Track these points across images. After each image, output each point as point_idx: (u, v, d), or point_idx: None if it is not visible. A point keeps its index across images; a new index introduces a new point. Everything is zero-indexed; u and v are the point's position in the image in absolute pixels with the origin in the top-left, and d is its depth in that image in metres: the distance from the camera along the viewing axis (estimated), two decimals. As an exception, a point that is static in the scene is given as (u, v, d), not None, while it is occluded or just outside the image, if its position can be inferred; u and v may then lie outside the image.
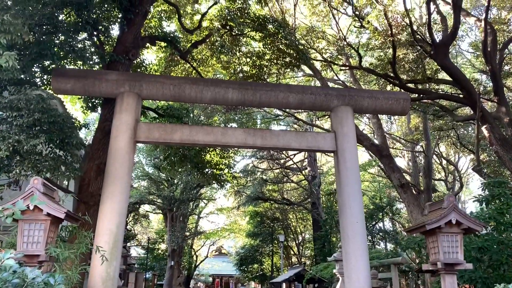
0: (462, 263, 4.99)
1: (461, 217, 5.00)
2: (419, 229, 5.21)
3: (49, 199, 4.55)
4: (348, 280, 7.46)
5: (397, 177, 15.61)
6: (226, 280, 54.55)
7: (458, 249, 5.03)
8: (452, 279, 5.00)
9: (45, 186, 4.62)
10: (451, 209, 4.99)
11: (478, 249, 5.90)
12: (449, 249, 5.02)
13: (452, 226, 5.04)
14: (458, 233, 5.07)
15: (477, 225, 5.00)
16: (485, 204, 6.36)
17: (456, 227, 5.06)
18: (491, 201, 6.40)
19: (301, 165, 33.22)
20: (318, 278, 19.88)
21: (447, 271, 5.01)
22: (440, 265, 4.91)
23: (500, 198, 6.30)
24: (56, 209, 4.44)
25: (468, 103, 15.34)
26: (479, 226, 5.01)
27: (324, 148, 8.38)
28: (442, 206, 5.08)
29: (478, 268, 5.87)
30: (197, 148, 11.73)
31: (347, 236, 7.73)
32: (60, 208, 4.48)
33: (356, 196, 7.93)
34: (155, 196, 24.34)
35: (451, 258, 4.98)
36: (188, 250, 36.53)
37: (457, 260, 4.99)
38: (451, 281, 4.98)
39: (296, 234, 35.89)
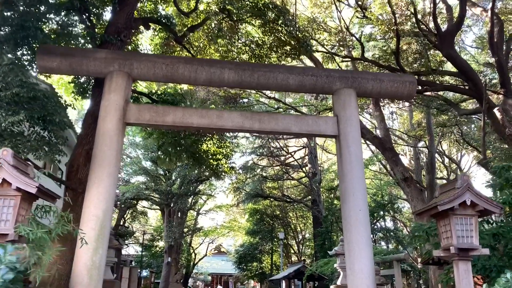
0: (478, 248, 4.53)
1: (476, 197, 4.54)
2: (429, 211, 4.75)
3: (21, 173, 4.11)
4: (350, 271, 7.01)
5: (400, 171, 15.16)
6: (225, 279, 54.11)
7: (473, 233, 4.57)
8: (466, 266, 4.54)
9: (16, 159, 4.17)
10: (466, 189, 4.53)
11: (493, 235, 5.44)
12: (463, 233, 4.56)
13: (466, 207, 4.58)
14: (473, 216, 4.61)
15: (494, 206, 4.54)
16: (499, 189, 5.91)
17: (470, 208, 4.60)
18: (505, 186, 5.95)
19: (301, 162, 32.79)
20: (318, 275, 19.41)
21: (461, 257, 4.54)
22: (453, 250, 4.45)
23: (513, 183, 5.86)
24: (27, 183, 3.99)
25: (474, 95, 14.89)
26: (496, 207, 4.55)
27: (326, 133, 7.93)
28: (456, 186, 4.62)
29: (492, 256, 5.42)
30: (193, 137, 11.28)
31: (349, 225, 7.27)
32: (31, 183, 4.03)
33: (359, 183, 7.48)
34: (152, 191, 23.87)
35: (466, 243, 4.52)
36: (186, 248, 36.06)
37: (472, 245, 4.53)
38: (465, 268, 4.52)
39: (296, 232, 35.45)
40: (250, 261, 33.32)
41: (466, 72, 14.15)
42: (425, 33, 14.86)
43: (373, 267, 7.14)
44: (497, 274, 5.21)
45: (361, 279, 6.96)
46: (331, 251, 12.28)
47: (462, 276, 4.49)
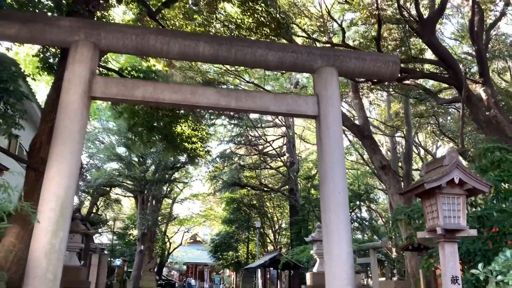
0: (465, 229, 4.26)
1: (465, 175, 4.26)
2: (415, 190, 4.45)
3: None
4: (329, 257, 6.70)
5: (378, 159, 15.02)
6: (200, 268, 53.78)
7: (461, 213, 4.30)
8: (452, 248, 4.27)
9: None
10: (454, 166, 4.25)
11: (477, 218, 5.21)
12: (450, 213, 4.28)
13: (454, 186, 4.30)
14: (461, 195, 4.34)
15: (483, 185, 4.27)
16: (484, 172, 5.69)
17: (458, 187, 4.32)
18: (490, 168, 5.73)
19: (280, 151, 32.58)
20: (294, 263, 19.25)
21: (447, 239, 4.27)
22: (439, 231, 4.16)
23: (501, 164, 5.64)
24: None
25: (453, 83, 14.82)
26: (485, 186, 4.28)
27: (306, 113, 7.56)
28: (443, 163, 4.33)
29: (476, 239, 5.20)
30: (167, 119, 10.77)
31: (328, 208, 6.96)
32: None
33: (339, 165, 7.16)
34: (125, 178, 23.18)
35: (452, 224, 4.25)
36: (161, 237, 35.51)
37: (459, 226, 4.26)
38: (451, 251, 4.25)
39: (272, 221, 35.34)
40: (225, 250, 33.05)
41: (446, 60, 14.05)
42: (406, 19, 14.65)
43: (351, 252, 6.86)
44: (481, 258, 4.99)
45: (339, 264, 6.67)
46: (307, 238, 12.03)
47: (448, 258, 4.22)
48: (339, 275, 6.63)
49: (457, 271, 4.18)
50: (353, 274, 6.81)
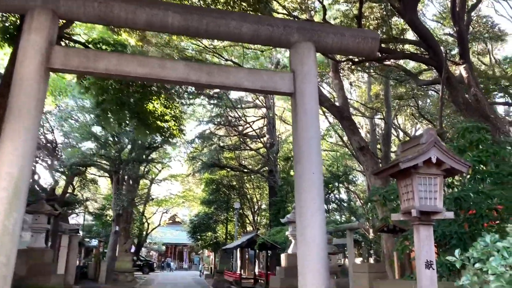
0: (441, 211, 4.03)
1: (443, 154, 4.01)
2: (389, 170, 4.19)
3: None
4: (301, 238, 6.47)
5: (357, 140, 14.85)
6: (180, 249, 53.76)
7: (437, 194, 4.06)
8: (428, 231, 4.04)
9: None
10: (432, 145, 3.99)
11: (454, 200, 5.01)
12: (426, 194, 4.04)
13: (431, 166, 4.05)
14: (438, 175, 4.09)
15: (461, 164, 4.03)
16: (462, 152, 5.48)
17: (435, 167, 4.08)
18: (468, 148, 5.53)
19: (260, 132, 32.30)
20: (271, 244, 19.18)
21: (423, 221, 4.04)
22: (414, 213, 3.92)
23: (479, 144, 5.45)
24: None
25: (434, 64, 14.66)
26: (464, 166, 4.04)
27: (281, 90, 7.21)
28: (420, 141, 4.06)
29: (453, 222, 5.02)
30: (138, 95, 10.28)
31: (302, 188, 6.69)
32: None
33: (314, 144, 6.88)
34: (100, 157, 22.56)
35: (428, 205, 4.01)
36: (139, 217, 35.12)
37: (435, 208, 4.02)
38: (426, 234, 4.03)
39: (252, 203, 35.28)
40: (204, 231, 32.90)
41: (427, 40, 13.84)
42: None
43: (325, 233, 6.64)
44: (457, 241, 4.82)
45: (312, 246, 6.45)
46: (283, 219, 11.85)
47: (423, 242, 4.00)
48: (312, 257, 6.42)
49: (431, 255, 3.97)
50: (326, 257, 6.61)
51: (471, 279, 2.44)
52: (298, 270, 6.66)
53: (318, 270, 6.39)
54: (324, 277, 6.45)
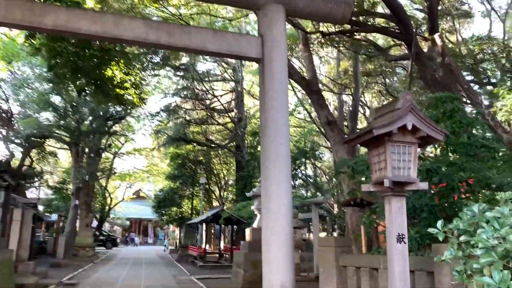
0: (415, 181, 3.78)
1: (419, 121, 3.72)
2: (362, 137, 3.87)
3: None
4: (266, 211, 6.19)
5: (325, 115, 14.65)
6: (144, 224, 53.15)
7: (411, 164, 3.80)
8: (400, 203, 3.79)
9: None
10: (408, 110, 3.69)
11: (426, 171, 4.80)
12: (399, 163, 3.76)
13: (406, 133, 3.76)
14: (413, 144, 3.81)
15: (438, 132, 3.76)
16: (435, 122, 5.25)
17: (410, 135, 3.80)
18: (441, 119, 5.32)
19: (228, 107, 31.73)
20: (237, 219, 19.01)
21: (395, 193, 3.77)
22: (387, 183, 3.64)
23: (453, 115, 5.25)
24: None
25: (403, 39, 14.51)
26: (440, 134, 3.77)
27: (248, 55, 6.78)
28: (396, 106, 3.76)
29: (423, 194, 4.83)
30: (95, 60, 9.54)
31: (268, 161, 6.37)
32: None
33: (282, 114, 6.54)
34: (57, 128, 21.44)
35: (402, 176, 3.74)
36: (101, 192, 34.19)
37: (409, 178, 3.76)
38: (399, 206, 3.77)
39: (218, 178, 34.97)
40: (169, 206, 32.42)
41: (398, 14, 13.60)
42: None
43: (291, 207, 6.38)
44: (428, 215, 4.64)
45: (277, 219, 6.18)
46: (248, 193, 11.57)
47: (394, 214, 3.74)
48: (277, 230, 6.17)
49: (403, 228, 3.73)
50: (292, 229, 6.36)
51: (455, 253, 2.17)
52: (262, 244, 6.40)
53: (283, 243, 6.14)
54: (289, 250, 6.22)
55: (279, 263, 6.10)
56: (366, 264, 4.92)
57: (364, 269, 4.96)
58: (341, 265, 5.31)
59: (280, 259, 6.13)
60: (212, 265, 19.33)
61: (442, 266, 4.05)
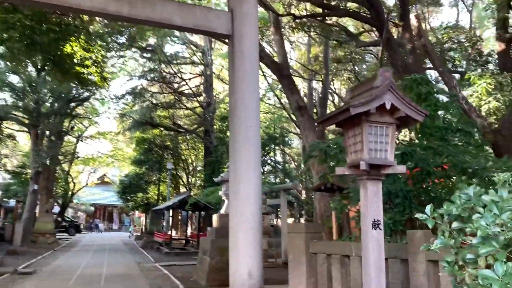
0: (393, 165, 3.56)
1: (398, 100, 3.49)
2: (337, 117, 3.61)
3: None
4: (234, 196, 5.91)
5: (295, 99, 14.43)
6: (109, 210, 51.95)
7: (389, 146, 3.57)
8: (376, 187, 3.57)
9: None
10: (386, 88, 3.45)
11: (401, 155, 4.62)
12: (376, 145, 3.53)
13: (384, 113, 3.53)
14: (391, 125, 3.59)
15: (418, 112, 3.54)
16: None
17: (388, 115, 3.56)
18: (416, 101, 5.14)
19: (196, 91, 31.05)
20: (204, 205, 18.67)
21: (371, 176, 3.55)
22: (363, 166, 3.40)
23: (428, 97, 5.08)
24: None
25: (375, 24, 14.43)
26: (420, 114, 3.56)
27: (217, 30, 6.40)
28: (374, 84, 3.51)
29: (397, 179, 4.66)
30: (52, 34, 8.86)
31: (237, 143, 6.07)
32: None
33: (252, 95, 6.23)
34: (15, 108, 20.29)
35: (379, 158, 3.51)
36: (64, 176, 32.97)
37: (386, 161, 3.54)
38: (375, 190, 3.55)
39: (186, 164, 34.39)
40: (135, 192, 31.65)
41: (370, 0, 13.48)
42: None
43: (260, 192, 6.12)
44: (402, 200, 4.46)
45: (246, 205, 5.92)
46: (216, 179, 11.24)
47: (370, 199, 3.52)
48: (245, 216, 5.91)
49: (379, 214, 3.52)
50: (260, 217, 6.12)
51: (446, 241, 1.94)
52: (229, 229, 6.14)
53: (251, 229, 5.90)
54: (258, 237, 5.98)
55: (247, 250, 5.86)
56: (337, 251, 4.73)
57: (335, 256, 4.76)
58: (311, 252, 5.10)
59: (248, 246, 5.88)
60: (178, 251, 18.97)
61: (416, 253, 3.90)
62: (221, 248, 9.51)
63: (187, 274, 11.33)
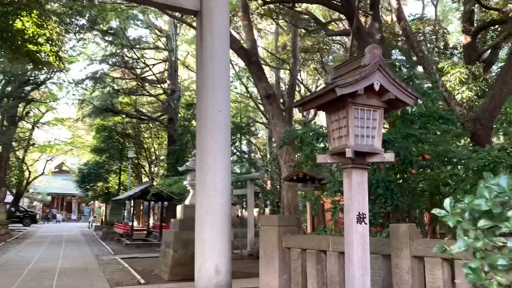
0: (380, 152, 3.22)
1: (388, 81, 3.14)
2: (323, 97, 3.22)
3: None
4: (201, 187, 5.47)
5: (263, 87, 14.05)
6: (68, 200, 50.06)
7: (376, 132, 3.23)
8: (361, 177, 3.22)
9: None
10: (376, 67, 3.09)
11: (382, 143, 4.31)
12: (363, 130, 3.17)
13: (371, 95, 3.17)
14: (378, 108, 3.24)
15: (408, 95, 3.21)
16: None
17: (376, 98, 3.21)
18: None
19: (160, 77, 30.10)
20: (167, 195, 18.05)
21: (356, 164, 3.20)
22: (349, 153, 3.04)
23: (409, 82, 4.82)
24: None
25: (345, 12, 14.23)
26: (411, 97, 3.23)
27: (185, 6, 5.88)
28: (362, 62, 3.14)
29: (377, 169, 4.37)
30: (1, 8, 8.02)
31: (205, 129, 5.60)
32: None
33: (222, 76, 5.77)
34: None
35: (365, 145, 3.17)
36: (18, 164, 31.27)
37: (373, 148, 3.20)
38: (360, 180, 3.20)
39: (149, 152, 33.44)
40: (95, 181, 30.43)
41: (341, -14, 13.23)
42: None
43: (229, 182, 5.70)
44: (384, 191, 4.17)
45: (213, 196, 5.49)
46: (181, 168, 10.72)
47: (355, 190, 3.17)
48: (213, 208, 5.47)
49: (365, 207, 3.18)
50: (229, 208, 5.71)
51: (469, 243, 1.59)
52: (195, 222, 5.69)
53: (219, 222, 5.47)
54: (226, 230, 5.57)
55: (214, 244, 5.44)
56: (313, 245, 4.39)
57: (310, 251, 4.42)
58: (284, 246, 4.75)
59: (215, 240, 5.46)
60: (139, 243, 18.31)
61: (400, 249, 3.60)
62: (185, 241, 9.06)
63: (148, 267, 10.80)
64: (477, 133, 6.41)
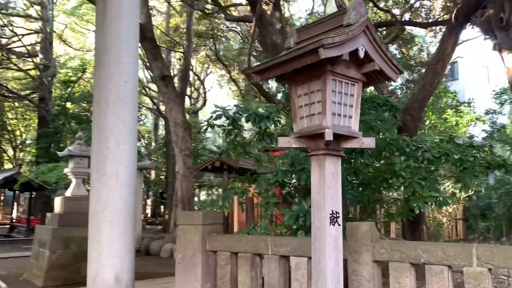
0: (358, 136, 2.60)
1: (373, 48, 2.52)
2: (290, 63, 2.47)
3: None
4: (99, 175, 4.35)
5: (159, 67, 12.86)
6: None
7: (353, 111, 2.60)
8: (335, 167, 2.56)
9: None
10: (362, 29, 2.45)
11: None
12: (340, 109, 2.52)
13: (350, 65, 2.53)
14: (356, 82, 2.61)
15: (393, 68, 2.64)
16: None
17: (356, 68, 2.58)
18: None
19: (31, 50, 26.32)
20: (39, 184, 15.64)
21: (331, 151, 2.53)
22: (328, 136, 2.36)
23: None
24: None
25: None
26: (395, 71, 2.66)
27: None
28: (344, 21, 2.48)
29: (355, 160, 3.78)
30: None
31: (105, 103, 4.48)
32: None
33: (130, 41, 4.68)
34: None
35: (342, 126, 2.52)
36: None
37: (350, 131, 2.56)
38: (333, 171, 2.54)
39: (14, 135, 29.25)
40: None
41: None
42: None
43: (135, 171, 4.67)
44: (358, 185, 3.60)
45: (115, 187, 4.41)
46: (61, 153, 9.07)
47: (328, 183, 2.50)
48: (113, 204, 4.39)
49: (338, 204, 2.53)
50: (134, 202, 4.67)
51: None
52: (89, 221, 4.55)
53: (121, 221, 4.40)
54: (129, 231, 4.53)
55: (115, 247, 4.37)
56: (247, 248, 3.66)
57: (244, 255, 3.68)
58: (208, 249, 3.93)
59: (116, 241, 4.39)
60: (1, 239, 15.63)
61: (359, 252, 3.07)
62: (65, 239, 7.60)
63: (15, 270, 8.98)
64: (405, 124, 6.38)
